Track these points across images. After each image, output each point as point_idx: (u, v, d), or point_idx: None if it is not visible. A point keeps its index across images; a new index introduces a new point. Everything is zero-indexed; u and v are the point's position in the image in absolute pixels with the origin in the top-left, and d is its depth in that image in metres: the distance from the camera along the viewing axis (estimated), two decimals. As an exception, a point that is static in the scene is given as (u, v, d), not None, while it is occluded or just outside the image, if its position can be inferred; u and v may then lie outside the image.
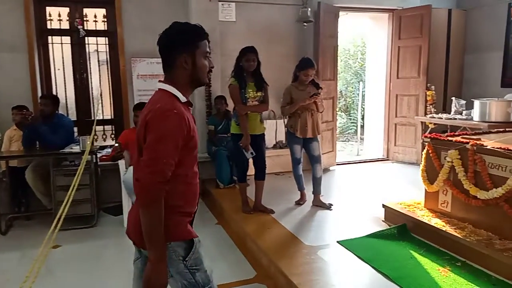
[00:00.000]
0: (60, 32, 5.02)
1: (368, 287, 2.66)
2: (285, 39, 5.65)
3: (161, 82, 1.59)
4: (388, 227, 3.51)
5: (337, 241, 3.29)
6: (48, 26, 4.99)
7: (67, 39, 5.06)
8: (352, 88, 10.43)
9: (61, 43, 5.03)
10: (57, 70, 5.08)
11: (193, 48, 1.56)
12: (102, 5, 5.09)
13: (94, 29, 5.09)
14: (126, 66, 5.03)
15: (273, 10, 5.57)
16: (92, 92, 5.19)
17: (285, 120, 4.24)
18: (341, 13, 5.90)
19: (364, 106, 7.63)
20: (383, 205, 3.77)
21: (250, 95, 3.72)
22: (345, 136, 9.94)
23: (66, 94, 5.15)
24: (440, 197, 3.43)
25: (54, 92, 4.99)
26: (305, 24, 5.41)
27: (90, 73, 5.17)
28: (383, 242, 3.27)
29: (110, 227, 4.21)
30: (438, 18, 6.00)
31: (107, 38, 5.13)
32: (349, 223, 3.73)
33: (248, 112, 3.73)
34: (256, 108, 3.79)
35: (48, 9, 4.98)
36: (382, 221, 3.73)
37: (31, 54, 4.75)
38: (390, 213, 3.68)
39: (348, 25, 9.05)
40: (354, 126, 9.63)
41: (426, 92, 5.82)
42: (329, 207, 4.11)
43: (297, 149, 4.10)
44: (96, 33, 5.10)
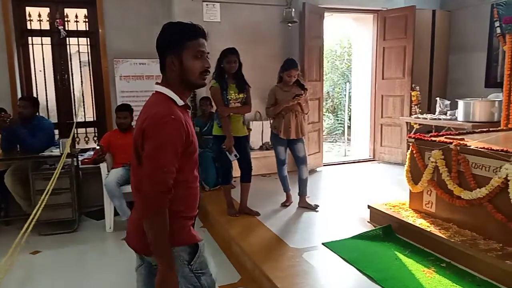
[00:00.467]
0: (41, 33, 4.90)
1: (353, 290, 2.63)
2: (271, 40, 5.62)
3: (158, 84, 1.56)
4: (373, 228, 3.50)
5: (323, 243, 3.26)
6: (28, 27, 4.87)
7: (48, 40, 4.95)
8: (339, 89, 10.44)
9: (42, 44, 4.91)
10: (39, 72, 4.96)
11: (180, 49, 1.50)
12: (83, 5, 4.99)
13: (75, 30, 4.98)
14: (109, 67, 4.93)
15: (258, 11, 5.53)
16: (74, 94, 5.08)
17: (271, 121, 4.21)
18: (327, 14, 5.89)
19: (351, 107, 7.64)
20: (368, 206, 3.76)
21: (232, 97, 3.67)
22: (333, 137, 9.95)
23: (47, 96, 5.04)
24: (425, 198, 3.42)
25: (35, 94, 4.87)
26: (290, 25, 5.38)
27: (72, 75, 5.06)
28: (368, 243, 3.24)
29: (92, 232, 4.11)
30: (423, 19, 6.04)
31: (89, 39, 5.03)
32: (335, 225, 3.71)
33: (231, 114, 3.69)
34: (239, 110, 3.75)
35: (28, 9, 4.86)
36: (368, 222, 3.72)
37: (10, 55, 4.64)
38: (375, 214, 3.66)
39: (335, 26, 9.07)
40: (342, 127, 9.64)
41: (411, 93, 5.84)
42: (315, 209, 4.09)
43: (281, 150, 4.06)
44: (77, 34, 5.00)
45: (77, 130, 5.12)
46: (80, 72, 5.10)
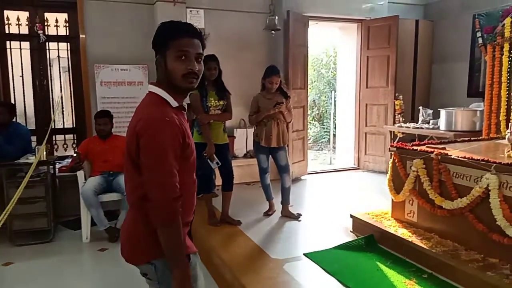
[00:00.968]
0: (19, 37, 4.79)
1: (333, 302, 2.58)
2: (255, 47, 5.59)
3: (151, 84, 1.49)
4: (356, 238, 3.45)
5: (304, 254, 3.20)
6: (6, 31, 4.75)
7: (27, 45, 4.83)
8: (325, 98, 10.47)
9: (20, 49, 4.79)
10: (18, 77, 4.83)
11: (164, 49, 1.43)
12: (64, 10, 4.88)
13: (56, 34, 4.88)
14: (89, 73, 4.83)
15: (243, 18, 5.50)
16: (53, 100, 4.95)
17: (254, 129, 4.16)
18: (312, 23, 5.90)
19: (337, 115, 7.64)
20: (351, 215, 3.72)
21: (212, 104, 3.62)
22: (319, 145, 9.95)
23: (25, 102, 4.91)
24: (407, 207, 3.39)
25: (13, 100, 4.74)
26: (273, 32, 5.36)
27: (51, 80, 4.95)
28: (350, 254, 3.20)
29: (68, 242, 3.98)
30: (406, 29, 6.08)
31: (69, 44, 4.93)
32: (317, 234, 3.65)
33: (211, 121, 3.63)
34: (219, 117, 3.69)
35: (6, 13, 4.74)
36: (351, 232, 3.67)
37: (-14, 60, 4.52)
38: (358, 224, 3.62)
39: (321, 35, 9.11)
40: (327, 135, 9.65)
41: (395, 102, 5.86)
42: (298, 218, 4.03)
43: (263, 159, 4.01)
44: (58, 39, 4.89)
45: (56, 137, 4.99)
46: (60, 78, 4.99)
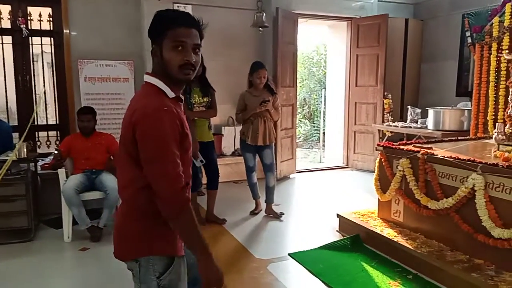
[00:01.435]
0: (1, 31, 4.66)
1: (316, 304, 2.54)
2: (244, 44, 5.53)
3: (147, 74, 1.42)
4: (342, 238, 3.41)
5: (289, 254, 3.16)
6: (-12, 25, 4.64)
7: (9, 39, 4.70)
8: (316, 96, 10.43)
9: (2, 43, 4.67)
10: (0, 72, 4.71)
11: (160, 38, 1.36)
12: (48, 4, 4.75)
13: (39, 29, 4.76)
14: (73, 68, 4.72)
15: (231, 15, 5.43)
16: (36, 96, 4.84)
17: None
18: (301, 20, 5.85)
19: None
20: (338, 215, 3.68)
21: (196, 101, 3.56)
22: (309, 143, 9.91)
23: (7, 98, 4.79)
24: (393, 207, 3.36)
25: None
26: (261, 29, 5.30)
27: (34, 76, 4.83)
28: (336, 254, 3.16)
29: (49, 241, 3.88)
30: (395, 28, 6.06)
31: (53, 39, 4.81)
32: (303, 234, 3.61)
33: (195, 119, 3.57)
34: (203, 114, 3.64)
35: (-12, 7, 4.63)
36: (337, 231, 3.64)
37: (-33, 54, 4.40)
38: (344, 223, 3.58)
39: (311, 33, 9.06)
40: (318, 134, 9.62)
41: (384, 100, 5.84)
42: (280, 217, 3.98)
43: (249, 157, 3.96)
44: (41, 33, 4.77)
45: (39, 134, 4.88)
46: (43, 73, 4.87)
